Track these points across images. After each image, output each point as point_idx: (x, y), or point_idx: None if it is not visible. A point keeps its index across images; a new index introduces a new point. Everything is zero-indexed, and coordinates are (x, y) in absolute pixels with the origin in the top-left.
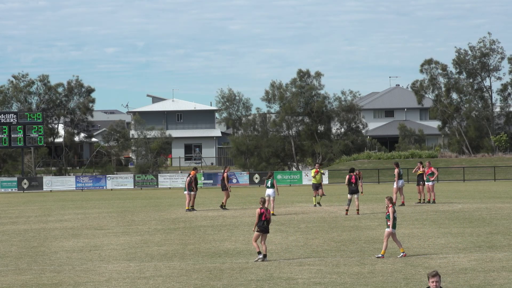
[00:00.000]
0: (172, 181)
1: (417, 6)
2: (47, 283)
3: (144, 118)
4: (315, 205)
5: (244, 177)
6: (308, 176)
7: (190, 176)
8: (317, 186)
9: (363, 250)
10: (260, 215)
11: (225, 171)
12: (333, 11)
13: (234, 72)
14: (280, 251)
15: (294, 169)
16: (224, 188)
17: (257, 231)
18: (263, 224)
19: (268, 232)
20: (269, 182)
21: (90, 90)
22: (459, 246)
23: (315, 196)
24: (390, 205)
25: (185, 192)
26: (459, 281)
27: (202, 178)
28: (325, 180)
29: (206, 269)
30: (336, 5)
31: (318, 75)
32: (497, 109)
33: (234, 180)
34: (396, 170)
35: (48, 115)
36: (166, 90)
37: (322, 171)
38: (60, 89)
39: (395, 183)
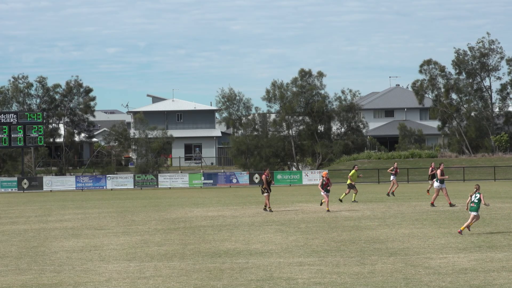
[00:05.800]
0: (172, 181)
1: (418, 7)
2: (47, 283)
3: (144, 118)
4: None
5: (244, 177)
6: (308, 176)
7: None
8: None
9: (363, 250)
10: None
11: (265, 173)
12: (334, 11)
13: (235, 72)
14: (280, 251)
15: (294, 169)
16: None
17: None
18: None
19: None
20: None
21: (88, 90)
22: (459, 246)
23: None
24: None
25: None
26: (459, 281)
27: (202, 178)
28: None
29: (206, 269)
30: (337, 5)
31: (321, 75)
32: (497, 109)
33: (234, 180)
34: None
35: (49, 115)
36: (167, 90)
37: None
38: (58, 90)
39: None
